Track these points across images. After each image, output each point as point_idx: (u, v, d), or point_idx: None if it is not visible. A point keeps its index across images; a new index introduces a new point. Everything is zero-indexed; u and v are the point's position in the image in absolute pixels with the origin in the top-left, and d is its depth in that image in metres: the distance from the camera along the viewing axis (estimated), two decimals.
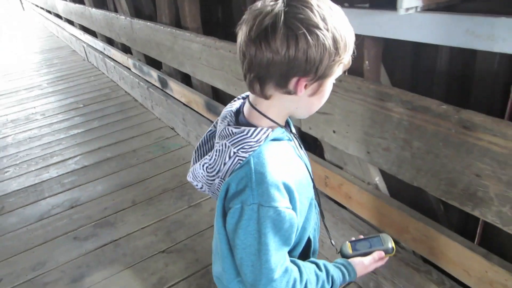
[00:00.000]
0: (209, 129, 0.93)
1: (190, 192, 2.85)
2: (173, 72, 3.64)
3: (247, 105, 0.82)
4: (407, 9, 1.37)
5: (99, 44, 5.81)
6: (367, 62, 1.74)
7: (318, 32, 0.64)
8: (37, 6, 11.88)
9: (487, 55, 1.79)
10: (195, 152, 0.92)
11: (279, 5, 0.64)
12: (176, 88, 3.51)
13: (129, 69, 4.72)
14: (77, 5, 6.39)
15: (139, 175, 3.15)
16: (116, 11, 4.77)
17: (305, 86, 0.71)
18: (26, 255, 2.39)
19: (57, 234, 2.56)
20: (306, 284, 0.80)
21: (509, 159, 1.15)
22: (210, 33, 3.95)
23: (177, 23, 3.36)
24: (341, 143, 1.77)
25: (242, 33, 0.69)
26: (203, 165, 0.80)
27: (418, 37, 1.42)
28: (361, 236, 1.01)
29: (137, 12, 4.58)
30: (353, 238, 1.01)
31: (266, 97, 0.74)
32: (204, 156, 0.85)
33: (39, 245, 2.47)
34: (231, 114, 0.83)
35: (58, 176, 3.27)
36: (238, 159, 0.74)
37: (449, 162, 1.32)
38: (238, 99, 0.91)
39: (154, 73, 3.92)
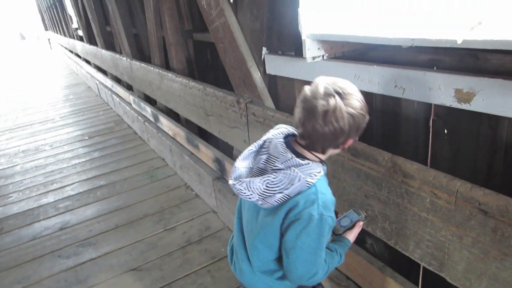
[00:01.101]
0: (250, 148, 1.15)
1: (168, 217, 3.12)
2: (164, 108, 4.02)
3: (300, 148, 1.08)
4: (314, 58, 1.66)
5: (108, 82, 6.34)
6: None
7: (362, 111, 1.00)
8: (62, 45, 12.89)
9: None
10: (237, 168, 1.12)
11: (338, 100, 0.96)
12: (165, 122, 3.87)
13: (131, 104, 5.15)
14: (92, 46, 7.04)
15: (125, 201, 3.45)
16: (121, 52, 5.29)
17: None
18: (15, 270, 2.68)
19: (45, 252, 2.85)
20: (329, 264, 1.12)
21: (382, 181, 1.38)
22: (202, 74, 4.37)
23: (167, 64, 3.77)
24: None
25: (313, 119, 0.98)
26: (264, 181, 1.03)
27: None
28: (340, 215, 1.29)
29: (140, 53, 5.07)
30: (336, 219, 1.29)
31: (324, 153, 1.08)
32: (245, 170, 1.11)
33: (27, 262, 2.76)
34: (286, 147, 1.07)
35: (54, 201, 3.60)
36: (307, 183, 1.01)
37: (347, 185, 1.56)
38: (279, 134, 1.13)
39: (149, 109, 4.32)
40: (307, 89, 1.02)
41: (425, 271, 2.22)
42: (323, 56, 1.67)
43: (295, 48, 1.93)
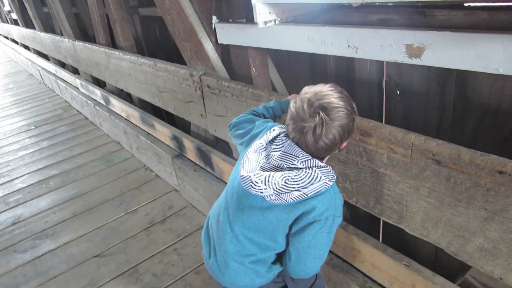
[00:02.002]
0: (260, 142, 1.13)
1: (128, 200, 3.00)
2: (115, 89, 3.81)
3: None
4: (265, 23, 1.61)
5: (51, 67, 5.90)
6: (253, 69, 1.97)
7: (349, 118, 1.02)
8: None
9: (361, 60, 2.06)
10: (250, 160, 1.11)
11: (324, 116, 0.97)
12: (117, 104, 3.67)
13: (78, 89, 4.84)
14: (29, 30, 6.48)
15: (82, 189, 3.27)
16: (62, 34, 4.91)
17: None
18: None
19: None
20: None
21: None
22: (152, 51, 4.17)
23: (113, 43, 3.55)
24: None
25: (304, 139, 1.01)
26: (284, 177, 1.02)
27: (277, 45, 1.66)
28: None
29: (83, 34, 4.74)
30: None
31: (322, 161, 1.07)
32: (254, 164, 1.09)
33: None
34: (297, 148, 1.05)
35: (3, 196, 3.35)
36: (325, 184, 1.03)
37: None
38: (284, 134, 1.11)
39: (98, 91, 4.07)
40: (292, 107, 1.04)
41: (384, 229, 2.32)
42: (275, 20, 1.62)
43: (246, 15, 1.86)
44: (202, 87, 2.09)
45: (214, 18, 1.96)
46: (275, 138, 1.11)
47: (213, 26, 1.99)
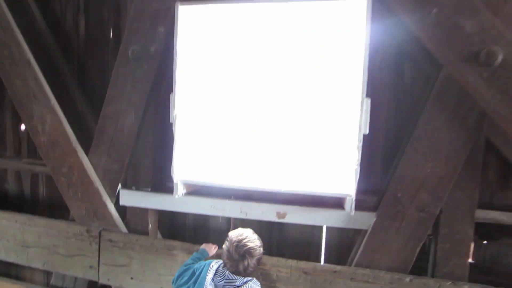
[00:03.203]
0: (210, 277, 1.99)
1: None
2: None
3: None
4: (178, 195, 2.54)
5: None
6: (150, 224, 2.75)
7: (262, 249, 2.08)
8: None
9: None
10: None
11: (249, 254, 1.99)
12: None
13: None
14: None
15: None
16: None
17: None
18: None
19: None
20: None
21: None
22: None
23: None
24: (139, 286, 2.60)
25: (238, 271, 1.99)
26: None
27: (185, 209, 2.61)
28: None
29: None
30: None
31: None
32: None
33: None
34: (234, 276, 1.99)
35: None
36: None
37: None
38: (222, 267, 2.04)
39: None
40: (226, 249, 2.02)
41: None
42: (183, 193, 2.58)
43: (151, 185, 2.72)
44: (100, 242, 2.63)
45: (120, 185, 2.70)
46: (216, 271, 2.02)
47: (117, 191, 2.70)
